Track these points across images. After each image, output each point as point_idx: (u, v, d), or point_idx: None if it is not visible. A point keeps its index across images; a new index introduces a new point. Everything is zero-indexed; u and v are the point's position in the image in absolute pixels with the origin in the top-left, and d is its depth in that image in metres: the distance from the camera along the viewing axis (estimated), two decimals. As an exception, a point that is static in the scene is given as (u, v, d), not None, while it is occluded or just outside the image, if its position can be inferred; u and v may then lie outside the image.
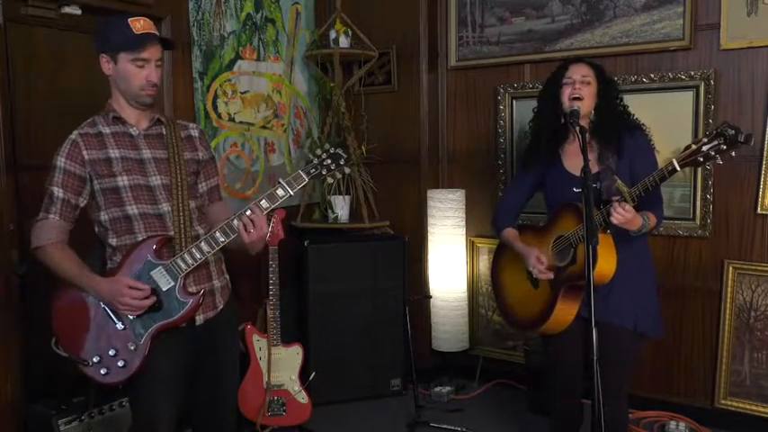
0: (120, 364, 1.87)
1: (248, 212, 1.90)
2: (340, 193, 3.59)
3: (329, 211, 3.61)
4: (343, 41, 3.57)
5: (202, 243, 1.90)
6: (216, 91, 3.20)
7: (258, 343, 3.00)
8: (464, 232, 3.56)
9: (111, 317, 1.88)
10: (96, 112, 2.73)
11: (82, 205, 1.92)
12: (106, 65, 1.91)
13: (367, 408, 3.36)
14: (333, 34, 3.58)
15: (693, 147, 1.95)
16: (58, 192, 1.87)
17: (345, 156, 2.00)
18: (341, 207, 3.58)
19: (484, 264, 3.64)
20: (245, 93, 3.38)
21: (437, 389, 3.47)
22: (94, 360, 1.87)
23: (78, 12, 2.57)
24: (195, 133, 2.11)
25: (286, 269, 3.12)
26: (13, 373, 2.44)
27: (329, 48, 3.58)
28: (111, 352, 1.87)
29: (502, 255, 2.59)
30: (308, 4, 3.77)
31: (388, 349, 3.46)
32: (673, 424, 3.00)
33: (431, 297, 3.60)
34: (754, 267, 2.92)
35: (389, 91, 3.73)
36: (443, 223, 3.49)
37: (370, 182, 3.64)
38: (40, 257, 1.89)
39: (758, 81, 2.86)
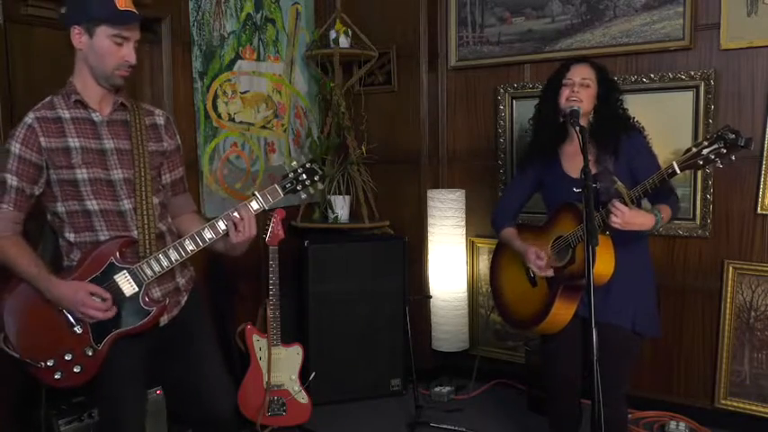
0: (77, 369, 1.78)
1: (235, 214, 1.86)
2: (340, 193, 3.59)
3: (329, 211, 3.61)
4: (344, 41, 3.57)
5: (170, 251, 1.83)
6: (216, 91, 3.20)
7: (258, 343, 3.00)
8: (464, 232, 3.56)
9: (69, 320, 1.78)
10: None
11: (37, 194, 1.80)
12: (78, 37, 1.77)
13: (367, 408, 3.36)
14: (333, 34, 3.58)
15: (694, 150, 1.95)
16: (11, 180, 1.75)
17: (321, 172, 1.97)
18: (341, 207, 3.58)
19: (484, 264, 3.64)
20: (245, 93, 3.38)
21: (437, 389, 3.47)
22: (49, 363, 1.76)
23: (78, 12, 2.57)
24: (161, 121, 2.00)
25: (286, 269, 3.12)
26: (14, 373, 2.44)
27: (329, 48, 3.58)
28: (68, 356, 1.77)
29: (500, 253, 2.60)
30: (308, 4, 3.77)
31: (388, 349, 3.46)
32: (673, 424, 3.00)
33: (431, 297, 3.60)
34: (754, 267, 2.92)
35: (389, 91, 3.73)
36: (443, 223, 3.49)
37: (370, 182, 3.64)
38: None
39: (758, 81, 2.86)
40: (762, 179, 2.86)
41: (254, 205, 1.90)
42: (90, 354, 1.78)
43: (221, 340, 3.20)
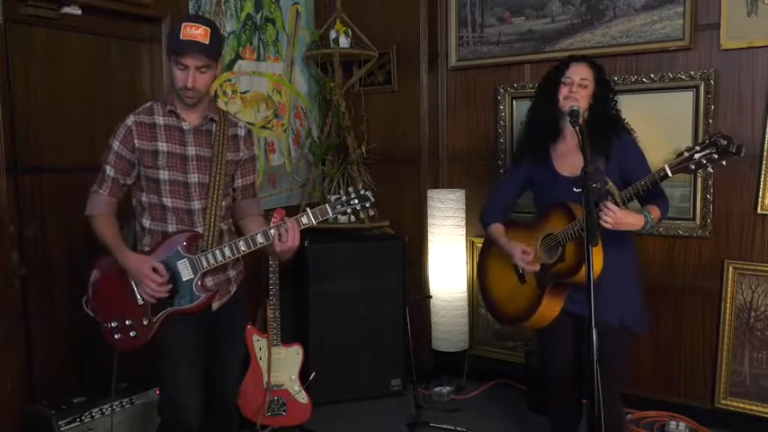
0: (132, 334, 2.06)
1: (286, 225, 2.05)
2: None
3: (329, 211, 3.60)
4: (344, 41, 3.57)
5: (225, 248, 2.06)
6: (216, 91, 3.19)
7: (258, 343, 3.00)
8: (464, 232, 3.56)
9: (135, 291, 2.06)
10: (95, 113, 2.76)
11: (129, 183, 2.10)
12: (167, 61, 2.11)
13: (367, 408, 3.36)
14: (333, 34, 3.58)
15: (686, 154, 1.99)
16: (110, 171, 2.06)
17: (372, 200, 2.13)
18: (341, 207, 3.57)
19: (484, 264, 3.64)
20: (245, 93, 3.38)
21: (437, 389, 3.47)
22: (112, 324, 2.07)
23: (78, 12, 2.57)
24: (242, 133, 2.22)
25: (286, 269, 3.12)
26: (14, 374, 2.44)
27: (329, 48, 3.58)
28: (128, 322, 2.06)
29: (488, 249, 2.62)
30: (308, 4, 3.77)
31: (388, 349, 3.46)
32: (673, 424, 3.00)
33: (431, 297, 3.60)
34: (754, 267, 2.92)
35: (389, 91, 3.73)
36: (443, 223, 3.49)
37: (370, 182, 3.64)
38: (91, 222, 2.10)
39: (758, 81, 2.86)
40: (762, 179, 2.86)
41: (304, 220, 2.07)
42: (145, 323, 2.06)
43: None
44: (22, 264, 2.48)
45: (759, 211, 2.89)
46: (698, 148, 1.96)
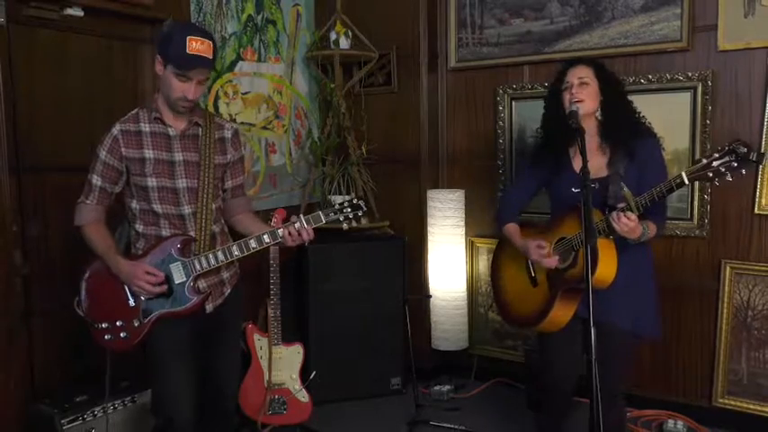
0: (123, 335, 2.07)
1: (297, 224, 2.11)
2: (340, 194, 3.61)
3: (329, 211, 3.62)
4: (344, 42, 3.59)
5: (219, 252, 2.10)
6: (217, 92, 3.21)
7: (259, 342, 3.02)
8: (464, 232, 3.58)
9: (127, 293, 2.08)
10: (97, 114, 2.78)
11: (117, 191, 2.13)
12: (158, 65, 2.03)
13: (367, 406, 3.38)
14: (333, 35, 3.60)
15: (704, 161, 1.93)
16: (96, 180, 2.09)
17: (365, 209, 2.17)
18: (341, 207, 3.59)
19: (483, 264, 3.66)
20: (246, 94, 3.39)
21: (437, 388, 3.49)
22: (103, 326, 2.08)
23: (80, 13, 2.59)
24: (228, 135, 2.23)
25: (287, 269, 3.13)
26: (17, 373, 2.46)
27: (330, 49, 3.60)
28: (119, 323, 2.08)
29: (502, 250, 2.60)
30: (308, 6, 3.78)
31: (388, 348, 3.47)
32: (671, 423, 3.01)
33: (431, 297, 3.62)
34: (751, 267, 2.94)
35: (389, 92, 3.74)
36: (443, 223, 3.51)
37: (370, 182, 3.66)
38: (81, 233, 2.11)
39: (755, 82, 2.88)
40: (759, 179, 2.88)
41: (297, 226, 2.11)
42: (136, 325, 2.07)
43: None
44: (25, 263, 2.49)
45: (756, 211, 2.90)
46: (716, 156, 1.90)
